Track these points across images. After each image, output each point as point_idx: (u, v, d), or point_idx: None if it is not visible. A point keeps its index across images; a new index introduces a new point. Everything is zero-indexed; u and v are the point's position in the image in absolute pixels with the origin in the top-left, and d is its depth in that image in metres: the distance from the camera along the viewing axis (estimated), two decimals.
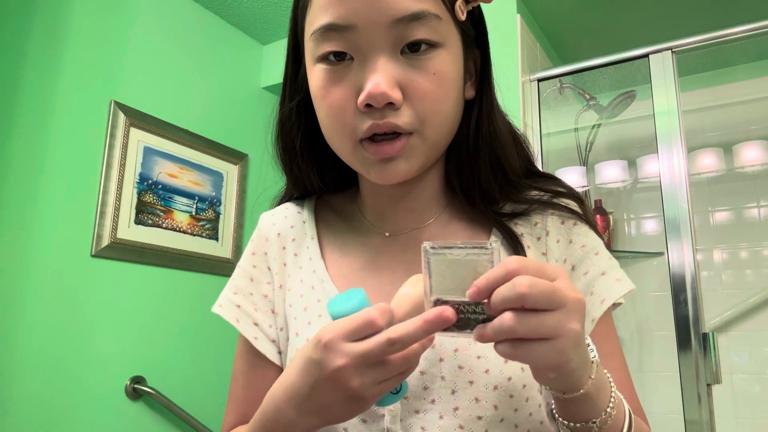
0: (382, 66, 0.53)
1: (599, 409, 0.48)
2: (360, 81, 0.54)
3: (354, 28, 0.53)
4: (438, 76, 0.55)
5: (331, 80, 0.55)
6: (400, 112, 0.54)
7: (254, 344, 0.66)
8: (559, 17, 1.96)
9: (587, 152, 2.18)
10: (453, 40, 0.57)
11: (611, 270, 0.61)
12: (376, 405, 0.49)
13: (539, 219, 0.64)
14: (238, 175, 2.13)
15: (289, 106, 0.65)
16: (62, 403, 1.51)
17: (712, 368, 1.37)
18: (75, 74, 1.64)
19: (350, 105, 0.55)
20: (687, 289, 1.42)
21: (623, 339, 2.21)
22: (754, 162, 1.93)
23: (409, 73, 0.54)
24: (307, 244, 0.68)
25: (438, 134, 0.57)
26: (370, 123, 0.54)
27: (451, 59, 0.56)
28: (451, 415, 0.55)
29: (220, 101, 2.11)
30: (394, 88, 0.53)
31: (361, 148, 0.57)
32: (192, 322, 1.89)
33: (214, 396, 1.92)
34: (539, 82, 1.78)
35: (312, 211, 0.71)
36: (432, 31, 0.54)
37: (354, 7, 0.52)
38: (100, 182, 1.67)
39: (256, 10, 2.10)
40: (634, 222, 2.31)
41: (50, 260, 1.53)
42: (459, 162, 0.63)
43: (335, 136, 0.58)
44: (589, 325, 0.59)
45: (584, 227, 0.63)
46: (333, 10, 0.53)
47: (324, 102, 0.57)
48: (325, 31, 0.54)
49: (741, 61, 2.13)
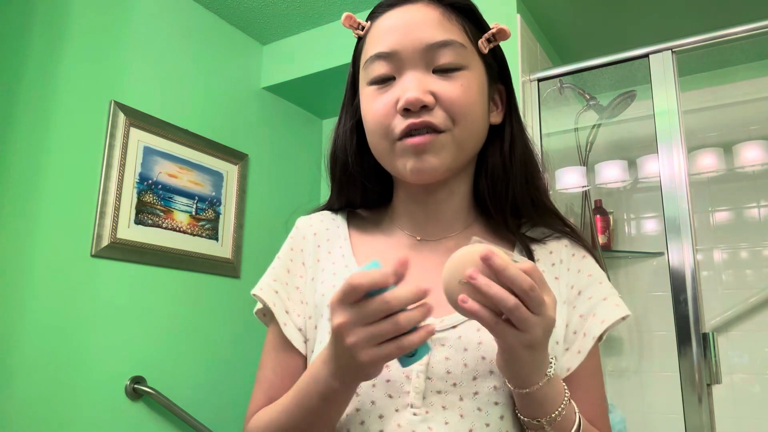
0: (417, 78, 0.65)
1: (546, 411, 0.58)
2: (399, 93, 0.66)
3: (396, 54, 0.66)
4: (464, 87, 0.66)
5: (378, 95, 0.68)
6: (433, 112, 0.65)
7: (283, 329, 0.72)
8: (559, 17, 1.96)
9: (587, 152, 2.18)
10: (476, 66, 0.69)
11: (612, 297, 0.71)
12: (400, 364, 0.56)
13: (554, 248, 0.74)
14: (238, 175, 2.13)
15: (345, 127, 0.77)
16: (62, 403, 1.51)
17: (712, 368, 1.37)
18: (75, 74, 1.64)
19: (392, 111, 0.66)
20: (687, 289, 1.42)
21: (623, 339, 2.21)
22: (754, 162, 1.93)
23: (440, 83, 0.66)
24: (340, 244, 0.77)
25: (466, 134, 0.67)
26: (408, 121, 0.65)
27: (475, 79, 0.68)
28: (470, 398, 0.63)
29: (220, 101, 2.11)
30: (427, 94, 0.64)
31: (398, 144, 0.67)
32: (192, 322, 1.89)
33: (214, 396, 1.92)
34: (539, 82, 1.77)
35: (345, 218, 0.81)
36: (458, 56, 0.66)
37: (396, 38, 0.66)
38: (100, 182, 1.67)
39: (256, 10, 2.10)
40: (634, 222, 2.31)
41: (50, 260, 1.53)
42: (494, 179, 0.72)
43: (378, 137, 0.69)
44: (589, 341, 0.68)
45: (591, 260, 0.74)
46: (381, 42, 0.68)
47: (371, 112, 0.69)
48: (375, 59, 0.68)
49: (741, 61, 2.13)
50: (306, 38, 2.25)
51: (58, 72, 1.60)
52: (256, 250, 2.16)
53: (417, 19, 0.67)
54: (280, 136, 2.37)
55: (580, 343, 0.68)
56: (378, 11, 0.71)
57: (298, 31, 2.25)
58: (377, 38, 0.69)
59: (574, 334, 0.69)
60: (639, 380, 2.15)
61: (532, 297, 0.52)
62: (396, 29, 0.67)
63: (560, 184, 2.03)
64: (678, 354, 1.40)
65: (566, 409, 0.59)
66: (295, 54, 2.25)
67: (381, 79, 0.68)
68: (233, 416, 1.94)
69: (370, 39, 0.70)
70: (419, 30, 0.66)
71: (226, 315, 2.01)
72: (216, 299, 1.99)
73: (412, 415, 0.63)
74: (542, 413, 0.59)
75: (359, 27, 0.72)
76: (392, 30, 0.67)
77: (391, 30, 0.67)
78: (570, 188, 2.05)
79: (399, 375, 0.65)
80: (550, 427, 0.59)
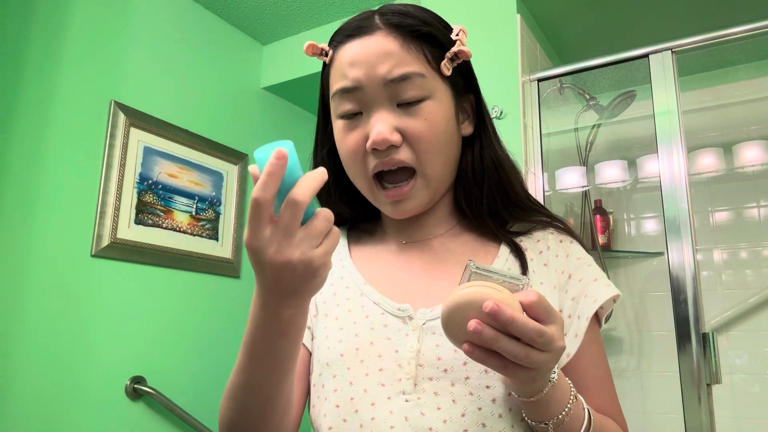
0: (383, 117, 0.67)
1: (552, 414, 0.59)
2: (367, 130, 0.68)
3: (360, 89, 0.68)
4: (429, 121, 0.68)
5: (347, 131, 0.70)
6: (400, 150, 0.68)
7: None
8: (559, 17, 1.96)
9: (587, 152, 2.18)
10: (440, 92, 0.70)
11: (601, 278, 0.72)
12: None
13: (541, 237, 0.75)
14: (238, 175, 2.13)
15: (322, 153, 0.79)
16: (62, 403, 1.51)
17: (712, 368, 1.37)
18: (75, 74, 1.64)
19: (361, 149, 0.69)
20: (687, 289, 1.41)
21: (623, 339, 2.21)
22: (754, 162, 1.93)
23: (405, 120, 0.67)
24: (338, 249, 0.80)
25: (437, 170, 0.70)
26: (377, 162, 0.68)
27: (439, 107, 0.69)
28: (462, 383, 0.64)
29: (220, 101, 2.11)
30: (394, 133, 0.67)
31: (376, 188, 0.71)
32: (192, 322, 1.89)
33: (215, 396, 1.91)
34: (539, 82, 1.77)
35: (345, 230, 0.84)
36: (418, 88, 0.67)
37: (358, 74, 0.67)
38: (100, 182, 1.67)
39: (256, 10, 2.10)
40: (634, 222, 2.31)
41: (50, 260, 1.53)
42: (467, 187, 0.75)
43: (354, 175, 0.73)
44: (584, 322, 0.69)
45: (578, 245, 0.76)
46: (345, 77, 0.69)
47: (342, 148, 0.71)
48: (342, 94, 0.69)
49: (741, 61, 2.13)
50: (306, 38, 2.25)
51: (58, 72, 1.60)
52: None
53: (376, 52, 0.67)
54: (280, 136, 2.36)
55: (576, 327, 0.69)
56: (338, 40, 0.72)
57: (298, 31, 2.25)
58: (340, 72, 0.70)
59: (569, 318, 0.70)
60: (639, 380, 2.15)
61: (540, 342, 0.51)
62: (356, 63, 0.68)
63: (560, 184, 2.03)
64: (678, 354, 1.40)
65: (573, 408, 0.60)
66: (295, 54, 2.25)
67: (349, 115, 0.70)
68: None
69: (334, 71, 0.71)
70: (378, 65, 0.67)
71: (226, 315, 2.01)
72: (216, 299, 1.98)
73: (404, 401, 0.64)
74: (548, 416, 0.59)
75: (324, 53, 0.73)
76: (353, 64, 0.68)
77: (352, 64, 0.68)
78: (570, 188, 2.05)
79: (391, 363, 0.66)
80: (558, 429, 0.59)
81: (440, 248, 0.76)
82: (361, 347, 0.68)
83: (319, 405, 0.70)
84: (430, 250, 0.76)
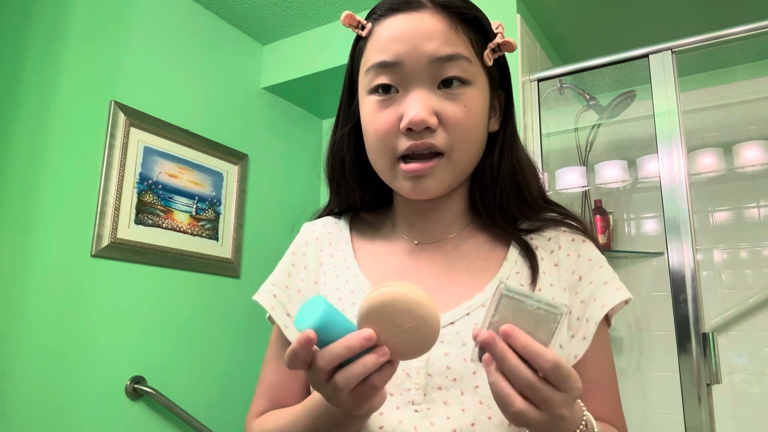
0: (422, 97, 0.64)
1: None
2: (403, 109, 0.65)
3: (400, 65, 0.65)
4: (468, 108, 0.65)
5: (380, 108, 0.67)
6: (435, 134, 0.65)
7: (284, 332, 0.73)
8: (559, 17, 1.96)
9: (587, 152, 2.18)
10: (480, 80, 0.68)
11: (612, 281, 0.70)
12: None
13: (552, 235, 0.73)
14: (238, 175, 2.13)
15: (342, 131, 0.76)
16: (62, 403, 1.51)
17: (712, 368, 1.37)
18: (75, 74, 1.64)
19: (394, 128, 0.66)
20: (687, 289, 1.42)
21: (623, 339, 2.21)
22: (754, 162, 1.93)
23: (444, 104, 0.65)
24: (342, 247, 0.78)
25: (465, 157, 0.68)
26: (410, 143, 0.65)
27: (478, 95, 0.67)
28: (471, 392, 0.62)
29: (220, 101, 2.11)
30: (431, 115, 0.64)
31: (398, 166, 0.67)
32: (192, 322, 1.89)
33: (214, 396, 1.92)
34: (539, 82, 1.77)
35: (348, 222, 0.81)
36: (463, 71, 0.65)
37: (401, 48, 0.65)
38: (100, 182, 1.67)
39: (256, 10, 2.10)
40: (634, 222, 2.31)
41: (50, 260, 1.53)
42: (483, 186, 0.73)
43: (379, 154, 0.69)
44: (592, 326, 0.67)
45: (591, 245, 0.73)
46: (385, 51, 0.66)
47: (372, 126, 0.68)
48: (378, 68, 0.66)
49: (741, 61, 2.13)
50: (306, 38, 2.25)
51: (58, 72, 1.60)
52: (256, 250, 2.16)
53: (423, 29, 0.65)
54: (280, 136, 2.36)
55: (585, 330, 0.68)
56: (380, 13, 0.69)
57: (298, 31, 2.25)
58: (380, 45, 0.66)
59: (578, 320, 0.69)
60: (639, 380, 2.15)
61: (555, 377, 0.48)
62: (400, 38, 0.65)
63: (560, 184, 2.03)
64: (678, 354, 1.40)
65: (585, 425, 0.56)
66: (295, 54, 2.25)
67: (383, 90, 0.67)
68: (233, 416, 1.94)
69: (372, 44, 0.68)
70: (425, 42, 0.64)
71: (226, 315, 2.01)
72: (216, 299, 1.98)
73: (414, 411, 0.63)
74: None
75: (360, 26, 0.70)
76: (396, 39, 0.65)
77: (396, 38, 0.65)
78: (570, 188, 2.05)
79: (399, 372, 0.64)
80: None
81: (452, 252, 0.74)
82: None
83: None
84: (442, 254, 0.73)
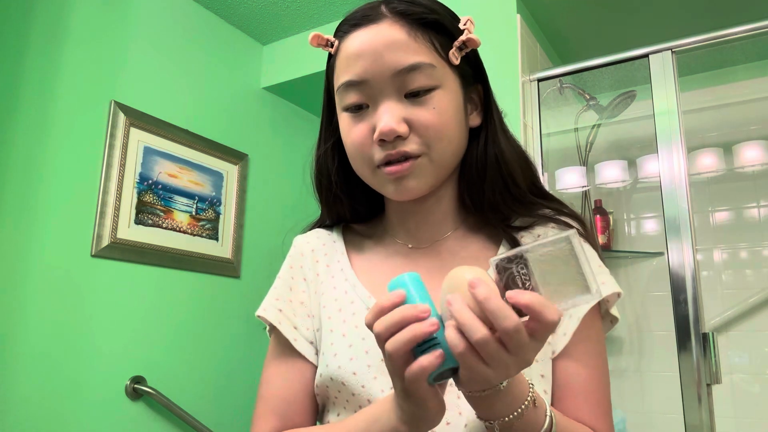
0: (390, 108, 0.66)
1: (497, 415, 0.53)
2: (374, 121, 0.67)
3: (366, 82, 0.67)
4: (438, 110, 0.66)
5: (354, 122, 0.69)
6: (408, 141, 0.66)
7: (294, 345, 0.73)
8: (559, 17, 1.96)
9: (587, 152, 2.18)
10: (449, 80, 0.68)
11: (600, 275, 0.70)
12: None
13: (541, 231, 0.74)
14: (238, 175, 2.13)
15: (325, 147, 0.78)
16: (62, 403, 1.51)
17: (712, 368, 1.37)
18: (75, 74, 1.64)
19: (368, 140, 0.68)
20: (687, 289, 1.42)
21: (623, 339, 2.21)
22: (754, 162, 1.93)
23: (413, 111, 0.66)
24: (338, 258, 0.78)
25: (443, 155, 0.68)
26: (385, 153, 0.67)
27: (448, 97, 0.68)
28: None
29: (220, 101, 2.11)
30: (401, 124, 0.65)
31: (379, 171, 0.69)
32: (192, 322, 1.89)
33: (214, 396, 1.92)
34: (539, 82, 1.78)
35: (340, 233, 0.82)
36: (427, 77, 0.66)
37: (365, 65, 0.66)
38: (100, 182, 1.67)
39: (256, 10, 2.10)
40: (634, 222, 2.31)
41: (50, 260, 1.53)
42: (470, 182, 0.73)
43: (358, 164, 0.71)
44: (574, 322, 0.67)
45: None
46: (350, 69, 0.68)
47: (349, 138, 0.70)
48: (347, 87, 0.68)
49: (741, 61, 2.13)
50: (306, 38, 2.24)
51: (58, 72, 1.60)
52: (256, 250, 2.16)
53: (383, 42, 0.66)
54: (280, 136, 2.36)
55: (566, 325, 0.67)
56: (344, 30, 0.70)
57: (298, 31, 2.25)
58: (346, 63, 0.68)
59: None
60: (639, 380, 2.15)
61: (513, 338, 0.47)
62: (363, 55, 0.66)
63: (560, 184, 2.03)
64: (678, 354, 1.40)
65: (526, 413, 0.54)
66: (295, 54, 2.25)
67: (354, 107, 0.68)
68: (233, 416, 1.94)
69: (339, 62, 0.70)
70: (385, 54, 0.65)
71: (226, 315, 2.01)
72: (216, 299, 1.98)
73: None
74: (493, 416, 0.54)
75: (330, 44, 0.72)
76: (360, 56, 0.67)
77: (359, 56, 0.67)
78: (570, 188, 2.05)
79: None
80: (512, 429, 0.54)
81: (446, 253, 0.74)
82: (372, 364, 0.67)
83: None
84: (437, 256, 0.74)
